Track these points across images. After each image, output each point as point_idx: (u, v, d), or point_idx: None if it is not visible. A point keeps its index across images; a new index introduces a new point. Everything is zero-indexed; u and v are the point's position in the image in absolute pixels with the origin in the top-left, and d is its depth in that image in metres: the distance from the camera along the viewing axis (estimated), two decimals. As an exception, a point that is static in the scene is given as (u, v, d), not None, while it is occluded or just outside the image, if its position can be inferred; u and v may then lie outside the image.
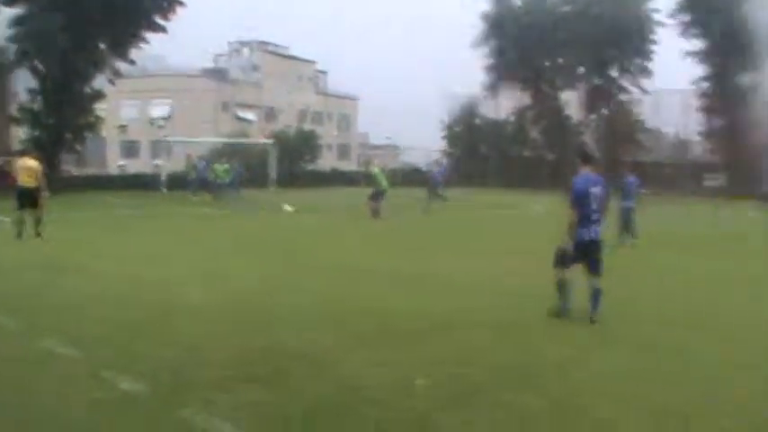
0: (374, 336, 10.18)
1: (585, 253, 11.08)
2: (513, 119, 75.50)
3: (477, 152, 73.88)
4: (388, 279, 15.19)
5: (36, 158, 23.09)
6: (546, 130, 73.08)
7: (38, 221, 21.81)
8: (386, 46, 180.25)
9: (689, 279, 16.37)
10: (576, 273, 11.17)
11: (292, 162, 66.97)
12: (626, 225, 22.87)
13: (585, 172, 11.21)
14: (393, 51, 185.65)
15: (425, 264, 17.70)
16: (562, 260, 11.14)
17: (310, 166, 70.69)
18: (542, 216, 33.29)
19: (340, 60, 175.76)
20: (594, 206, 11.02)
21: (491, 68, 73.61)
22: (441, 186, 37.94)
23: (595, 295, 11.11)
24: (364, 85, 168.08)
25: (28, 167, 22.17)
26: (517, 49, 69.80)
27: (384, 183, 32.70)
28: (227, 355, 8.95)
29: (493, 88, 75.15)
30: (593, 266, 11.14)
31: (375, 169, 34.01)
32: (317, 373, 8.39)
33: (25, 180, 21.90)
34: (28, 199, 21.77)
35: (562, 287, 11.20)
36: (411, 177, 75.84)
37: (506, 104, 76.96)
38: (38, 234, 21.54)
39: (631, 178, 23.90)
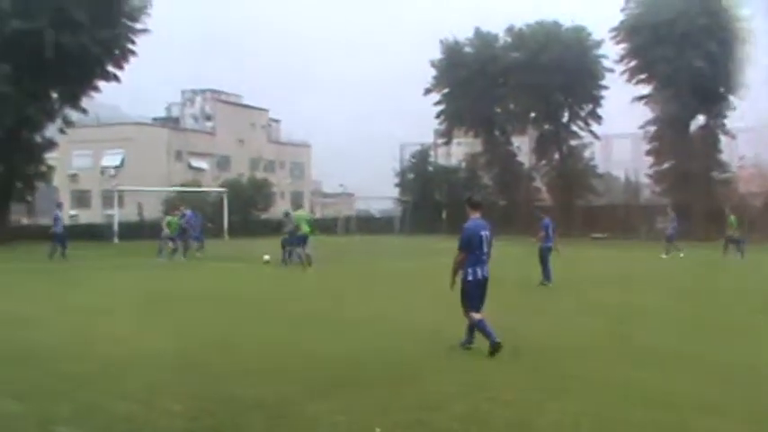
0: (330, 385, 10.07)
1: (481, 289, 12.12)
2: (465, 165, 76.03)
3: (431, 199, 74.16)
4: (340, 324, 15.11)
5: None
6: (498, 176, 73.69)
7: None
8: (338, 94, 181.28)
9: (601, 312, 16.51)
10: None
11: (245, 210, 66.85)
12: (544, 265, 23.45)
13: (475, 217, 12.36)
14: (345, 99, 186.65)
15: (373, 308, 17.67)
16: (469, 304, 12.03)
17: (263, 215, 70.53)
18: (496, 260, 33.32)
19: (292, 108, 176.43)
20: (485, 248, 12.17)
21: (443, 115, 74.13)
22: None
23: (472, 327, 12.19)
24: (317, 134, 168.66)
25: None
26: (468, 95, 70.29)
27: (306, 227, 32.45)
28: (183, 407, 8.80)
29: (445, 135, 75.72)
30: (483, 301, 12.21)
31: (300, 213, 34.04)
32: (276, 423, 8.28)
33: None
34: None
35: (482, 327, 11.96)
36: (366, 225, 76.14)
37: (458, 151, 77.54)
38: None
39: (546, 220, 24.28)
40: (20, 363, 11.39)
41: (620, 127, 67.49)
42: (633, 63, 63.79)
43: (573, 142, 71.40)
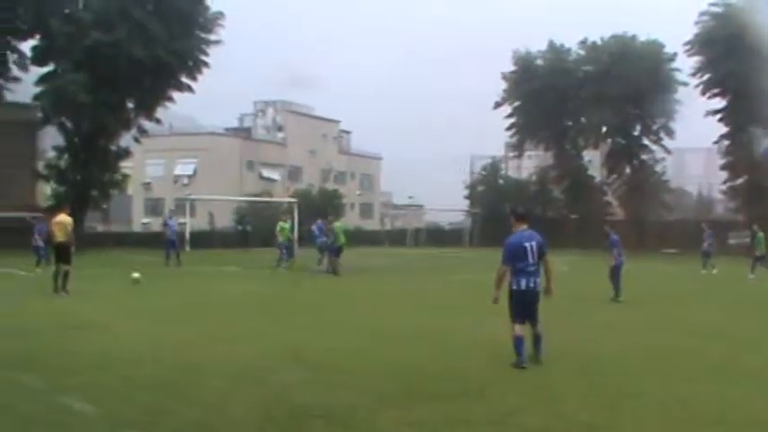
0: (399, 395, 10.05)
1: (525, 300, 11.96)
2: (535, 178, 75.64)
3: (501, 212, 73.69)
4: (408, 336, 15.08)
5: (69, 214, 23.95)
6: (569, 190, 73.05)
7: (66, 276, 22.22)
8: (410, 106, 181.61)
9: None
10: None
11: (315, 221, 67.17)
12: (615, 281, 23.14)
13: (521, 229, 12.43)
14: (417, 111, 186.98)
15: (441, 320, 17.60)
16: (512, 314, 12.00)
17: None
18: (567, 275, 33.07)
19: (364, 120, 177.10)
20: (531, 259, 12.02)
21: (514, 128, 73.79)
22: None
23: (537, 340, 12.12)
24: (388, 145, 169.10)
25: (60, 222, 23.02)
26: (539, 108, 69.85)
27: (342, 239, 32.77)
28: (253, 416, 8.87)
29: (516, 148, 75.39)
30: (532, 314, 12.04)
31: (339, 224, 34.66)
32: (345, 434, 8.32)
33: (58, 235, 22.75)
34: (59, 253, 22.60)
35: (517, 344, 11.87)
36: (435, 237, 75.96)
37: (529, 164, 77.18)
38: (64, 288, 22.06)
39: (614, 236, 23.91)
40: (94, 367, 11.57)
41: (694, 141, 66.70)
42: (707, 76, 62.95)
43: (645, 156, 70.62)
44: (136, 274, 25.53)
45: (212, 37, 53.62)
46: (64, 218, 23.26)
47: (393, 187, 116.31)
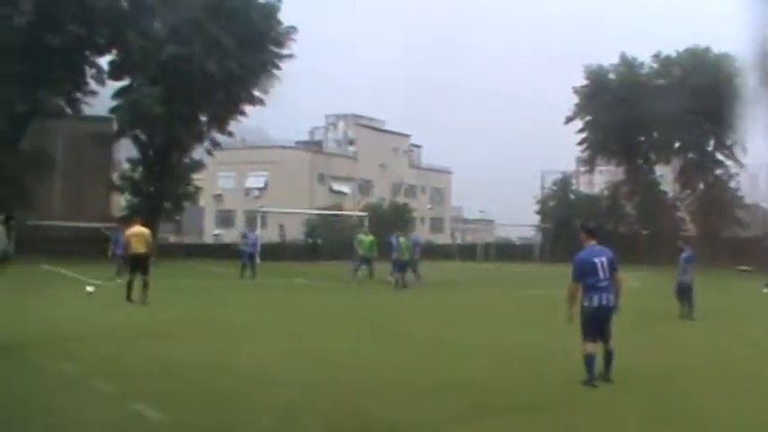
0: (469, 409, 10.00)
1: (598, 317, 11.71)
2: (606, 194, 74.85)
3: (572, 227, 72.94)
4: (480, 350, 15.00)
5: (145, 225, 24.54)
6: (641, 206, 72.10)
7: (146, 286, 22.45)
8: (480, 120, 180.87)
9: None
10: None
11: (385, 235, 67.26)
12: (686, 298, 22.67)
13: (591, 245, 12.27)
14: (487, 125, 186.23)
15: (516, 336, 17.46)
16: (583, 331, 11.71)
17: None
18: (637, 291, 32.64)
19: (434, 134, 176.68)
20: (602, 275, 11.75)
21: (585, 143, 73.04)
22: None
23: (608, 357, 11.80)
24: (458, 159, 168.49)
25: (139, 234, 23.24)
26: (611, 123, 69.00)
27: (407, 254, 32.65)
28: (323, 428, 8.90)
29: (587, 163, 74.60)
30: (604, 331, 11.79)
31: (401, 239, 34.21)
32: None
33: (137, 246, 22.87)
34: (138, 264, 22.65)
35: (589, 362, 11.58)
36: (506, 252, 75.54)
37: (600, 179, 76.42)
38: (144, 299, 22.20)
39: (689, 253, 23.45)
40: (165, 375, 11.74)
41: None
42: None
43: (718, 171, 69.53)
44: (90, 288, 25.15)
45: (284, 51, 54.15)
46: (142, 229, 23.55)
47: (464, 202, 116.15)
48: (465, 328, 19.23)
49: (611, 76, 71.55)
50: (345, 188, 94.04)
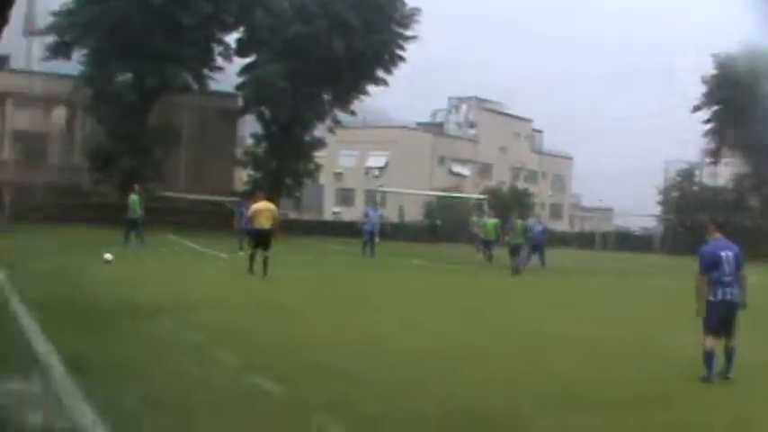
0: (564, 402, 9.82)
1: (722, 312, 11.39)
2: (732, 186, 72.90)
3: (694, 219, 71.17)
4: (589, 343, 14.71)
5: (272, 200, 24.77)
6: (766, 199, 70.00)
7: (265, 262, 22.49)
8: (603, 106, 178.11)
9: None
10: None
11: (503, 219, 66.91)
12: None
13: (717, 237, 11.88)
14: (610, 112, 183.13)
15: (632, 328, 17.10)
16: (706, 325, 11.39)
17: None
18: (755, 286, 31.68)
19: (556, 119, 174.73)
20: (727, 269, 11.41)
21: (711, 134, 71.14)
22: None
23: (729, 354, 11.45)
24: (579, 146, 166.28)
25: (266, 209, 23.32)
26: (739, 114, 66.98)
27: (519, 238, 31.85)
28: (431, 408, 8.89)
29: (712, 154, 72.72)
30: (727, 326, 11.45)
31: (517, 222, 32.99)
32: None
33: (263, 222, 22.88)
34: (263, 239, 22.76)
35: (708, 357, 11.28)
36: (624, 242, 74.34)
37: (725, 171, 74.52)
38: (264, 273, 22.26)
39: None
40: (283, 349, 11.86)
41: None
42: None
43: None
44: (108, 255, 23.90)
45: (409, 32, 54.19)
46: (269, 205, 23.68)
47: (584, 189, 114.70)
48: (576, 318, 18.89)
49: (742, 65, 69.43)
50: (465, 170, 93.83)
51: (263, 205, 23.49)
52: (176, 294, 17.54)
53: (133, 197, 34.00)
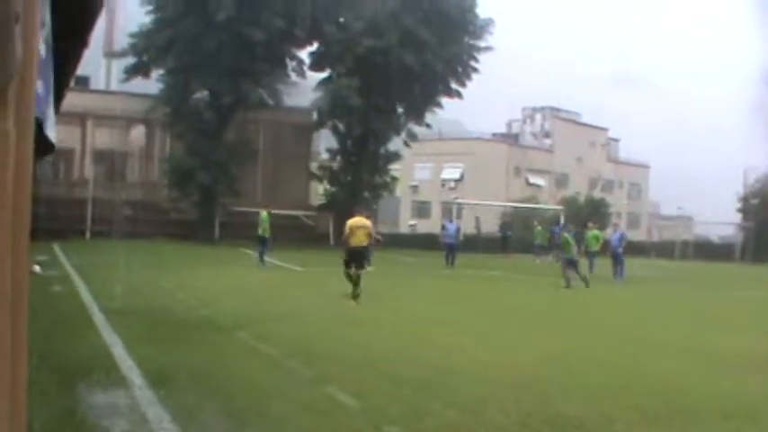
0: (660, 412, 9.73)
1: None
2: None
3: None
4: (677, 353, 14.55)
5: (367, 217, 23.44)
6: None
7: (357, 281, 20.91)
8: (679, 113, 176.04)
9: None
10: None
11: (582, 229, 66.37)
12: None
13: None
14: (686, 119, 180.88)
15: (727, 339, 16.80)
16: None
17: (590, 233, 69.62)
18: None
19: (631, 128, 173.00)
20: None
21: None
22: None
23: None
24: (656, 154, 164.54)
25: (364, 225, 21.85)
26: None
27: (594, 246, 31.03)
28: (509, 422, 8.88)
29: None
30: None
31: (566, 235, 31.28)
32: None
33: (361, 238, 21.39)
34: (356, 257, 21.26)
35: None
36: (704, 250, 73.05)
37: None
38: (355, 294, 20.59)
39: None
40: (358, 362, 11.94)
41: None
42: None
43: None
44: (36, 267, 22.54)
45: (482, 43, 54.18)
46: (365, 221, 22.25)
47: (661, 197, 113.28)
48: (665, 328, 18.66)
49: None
50: (541, 181, 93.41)
51: (359, 221, 22.00)
52: (256, 307, 17.86)
53: (263, 214, 34.42)
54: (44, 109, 3.63)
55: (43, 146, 3.71)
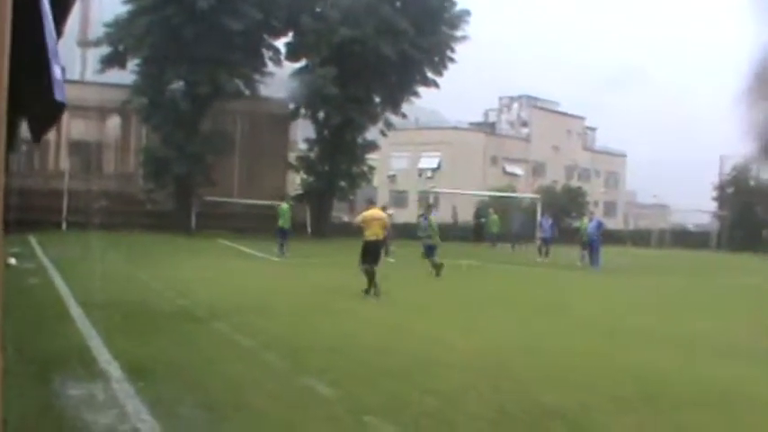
0: (638, 400, 9.78)
1: None
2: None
3: (753, 216, 69.95)
4: (660, 340, 14.58)
5: (383, 209, 22.87)
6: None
7: (373, 277, 20.11)
8: (655, 102, 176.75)
9: None
10: None
11: (557, 218, 66.53)
12: None
13: None
14: (663, 108, 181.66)
15: (693, 325, 16.93)
16: None
17: (576, 224, 69.87)
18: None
19: (608, 116, 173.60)
20: None
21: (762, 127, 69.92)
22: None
23: None
24: (633, 143, 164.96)
25: (379, 218, 20.94)
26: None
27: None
28: (488, 410, 8.91)
29: (766, 150, 71.45)
30: None
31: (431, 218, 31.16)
32: (574, 433, 8.23)
33: (377, 231, 20.53)
34: (372, 251, 20.41)
35: None
36: (680, 239, 73.40)
37: (783, 166, 73.24)
38: (373, 291, 19.96)
39: None
40: (335, 351, 11.95)
41: None
42: None
43: None
44: (12, 260, 22.33)
45: (458, 33, 54.11)
46: (381, 213, 21.37)
47: (638, 186, 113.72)
48: (642, 316, 18.75)
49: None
50: (518, 170, 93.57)
51: (374, 213, 21.10)
52: (233, 298, 17.82)
53: (283, 206, 34.27)
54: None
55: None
